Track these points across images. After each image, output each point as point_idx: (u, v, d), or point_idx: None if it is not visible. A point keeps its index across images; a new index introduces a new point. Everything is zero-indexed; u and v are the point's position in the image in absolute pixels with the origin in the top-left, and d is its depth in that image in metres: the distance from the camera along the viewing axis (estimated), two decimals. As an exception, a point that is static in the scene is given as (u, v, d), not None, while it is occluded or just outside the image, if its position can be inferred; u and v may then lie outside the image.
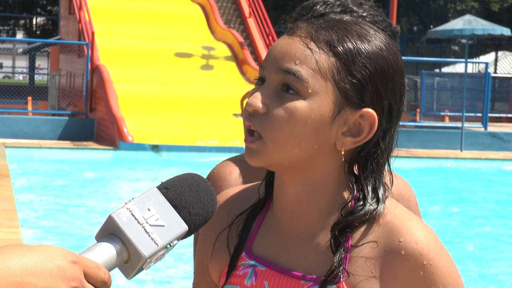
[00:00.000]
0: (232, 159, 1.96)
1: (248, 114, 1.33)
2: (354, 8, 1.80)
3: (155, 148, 14.46)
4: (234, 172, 1.90)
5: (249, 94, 16.67)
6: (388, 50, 1.33)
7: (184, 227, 1.19)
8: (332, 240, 1.32)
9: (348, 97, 1.30)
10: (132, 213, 1.16)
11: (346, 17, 1.37)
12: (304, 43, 1.31)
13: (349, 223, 1.32)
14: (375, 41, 1.33)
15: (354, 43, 1.31)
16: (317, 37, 1.31)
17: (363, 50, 1.31)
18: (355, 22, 1.35)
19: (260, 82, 1.35)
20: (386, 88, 1.32)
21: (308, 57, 1.30)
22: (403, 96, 1.36)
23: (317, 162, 1.33)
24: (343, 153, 1.32)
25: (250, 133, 1.33)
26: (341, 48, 1.30)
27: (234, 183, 1.88)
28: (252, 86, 16.48)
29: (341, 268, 1.30)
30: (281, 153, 1.31)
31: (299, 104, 1.29)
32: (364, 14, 1.79)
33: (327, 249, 1.33)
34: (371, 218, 1.32)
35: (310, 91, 1.29)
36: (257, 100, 1.31)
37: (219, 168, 1.94)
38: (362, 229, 1.33)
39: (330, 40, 1.31)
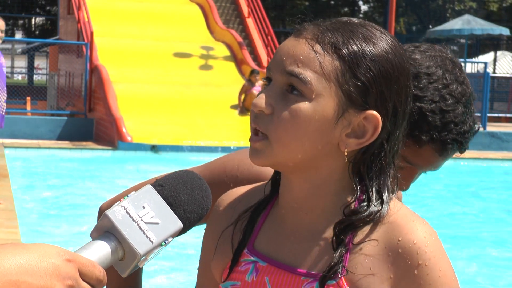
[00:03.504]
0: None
1: (254, 115, 1.34)
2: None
3: (154, 148, 14.46)
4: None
5: (245, 87, 16.29)
6: (393, 53, 1.33)
7: (179, 224, 1.19)
8: (334, 237, 1.33)
9: (352, 99, 1.31)
10: (127, 211, 1.16)
11: (353, 19, 1.36)
12: (310, 45, 1.32)
13: (352, 222, 1.33)
14: (380, 43, 1.33)
15: (359, 45, 1.31)
16: (322, 39, 1.32)
17: (368, 53, 1.31)
18: (361, 24, 1.35)
19: (268, 82, 1.36)
20: (391, 90, 1.32)
21: (312, 59, 1.31)
22: (409, 98, 1.36)
23: (321, 162, 1.34)
24: (346, 154, 1.33)
25: (255, 133, 1.35)
26: (346, 50, 1.31)
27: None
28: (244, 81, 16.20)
29: (340, 265, 1.31)
30: (285, 154, 1.32)
31: (303, 106, 1.30)
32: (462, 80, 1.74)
33: (328, 247, 1.34)
34: (374, 219, 1.33)
35: (314, 93, 1.30)
36: (262, 101, 1.32)
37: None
38: (365, 228, 1.34)
39: (335, 42, 1.31)
